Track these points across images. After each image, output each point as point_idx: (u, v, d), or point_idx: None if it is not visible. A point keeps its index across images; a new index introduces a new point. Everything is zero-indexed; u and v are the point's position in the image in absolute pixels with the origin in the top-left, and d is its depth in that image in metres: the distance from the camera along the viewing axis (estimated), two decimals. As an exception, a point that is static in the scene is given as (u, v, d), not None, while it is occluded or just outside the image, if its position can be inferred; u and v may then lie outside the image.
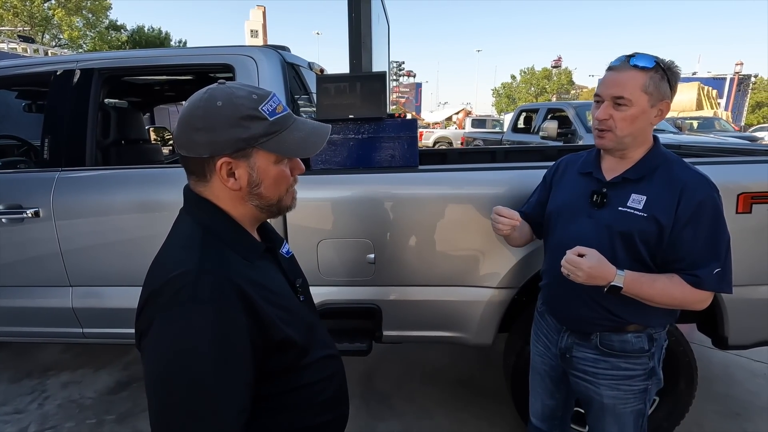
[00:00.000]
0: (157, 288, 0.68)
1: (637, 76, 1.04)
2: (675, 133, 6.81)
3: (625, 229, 1.09)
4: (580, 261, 1.04)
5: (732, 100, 23.93)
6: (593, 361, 1.20)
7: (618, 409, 1.20)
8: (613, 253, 1.09)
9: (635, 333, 1.16)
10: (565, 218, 1.21)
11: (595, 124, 1.11)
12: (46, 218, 1.87)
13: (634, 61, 1.05)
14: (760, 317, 1.69)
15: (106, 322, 1.98)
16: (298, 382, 0.80)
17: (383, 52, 2.94)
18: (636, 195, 1.09)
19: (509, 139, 8.28)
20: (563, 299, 1.23)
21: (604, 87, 1.09)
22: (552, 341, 1.32)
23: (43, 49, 8.98)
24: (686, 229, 1.04)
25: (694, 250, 1.05)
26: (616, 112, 1.07)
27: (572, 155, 1.34)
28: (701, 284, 1.05)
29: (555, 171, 1.35)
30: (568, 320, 1.25)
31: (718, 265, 1.05)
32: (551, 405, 1.41)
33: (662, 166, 1.10)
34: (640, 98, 1.05)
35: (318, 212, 1.76)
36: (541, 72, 40.63)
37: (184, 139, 0.72)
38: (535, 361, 1.41)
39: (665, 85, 1.06)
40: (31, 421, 2.19)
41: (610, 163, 1.17)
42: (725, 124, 12.59)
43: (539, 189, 1.40)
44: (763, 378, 2.48)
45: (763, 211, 1.56)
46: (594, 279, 1.04)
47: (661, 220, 1.05)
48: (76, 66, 1.96)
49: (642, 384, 1.19)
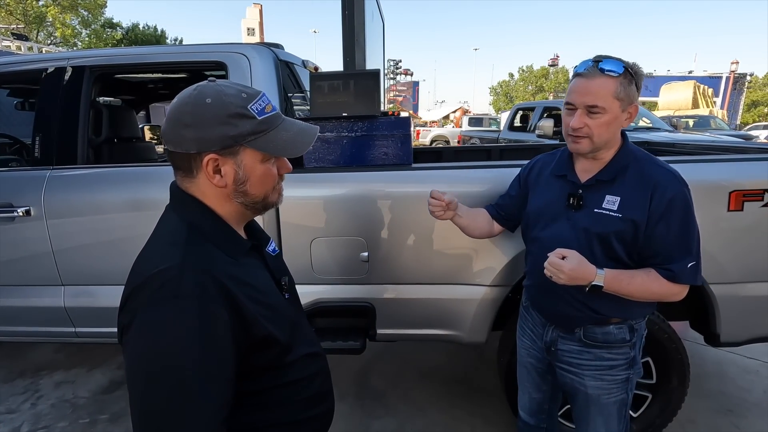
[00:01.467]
0: (140, 283, 0.68)
1: (608, 83, 1.06)
2: (670, 132, 6.83)
3: (601, 230, 1.12)
4: (561, 263, 1.06)
5: (728, 99, 23.99)
6: (578, 352, 1.25)
7: (602, 399, 1.24)
8: (591, 253, 1.12)
9: (617, 325, 1.20)
10: (545, 221, 1.24)
11: (569, 131, 1.13)
12: (38, 217, 1.86)
13: (602, 66, 1.06)
14: (751, 314, 1.70)
15: (99, 321, 1.97)
16: (281, 379, 0.81)
17: (378, 50, 2.93)
18: (610, 196, 1.12)
19: (506, 137, 8.29)
20: (546, 298, 1.27)
21: (576, 95, 1.09)
22: (537, 335, 1.35)
23: (37, 46, 8.90)
24: (659, 225, 1.08)
25: (668, 245, 1.09)
26: (591, 120, 1.08)
27: (546, 155, 1.37)
28: (676, 278, 1.10)
29: (530, 171, 1.38)
30: (552, 317, 1.29)
31: (692, 259, 1.09)
32: (538, 398, 1.45)
33: (633, 165, 1.13)
34: (612, 104, 1.07)
35: (311, 210, 1.75)
36: (539, 71, 40.68)
37: (172, 134, 0.73)
38: (522, 354, 1.44)
39: (633, 89, 1.09)
40: (24, 421, 2.18)
41: (583, 164, 1.20)
42: (721, 123, 12.65)
43: (514, 185, 1.44)
44: (755, 374, 2.49)
45: (754, 209, 1.57)
46: (575, 280, 1.07)
47: (635, 219, 1.09)
48: (68, 63, 1.95)
49: (624, 373, 1.23)
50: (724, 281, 1.65)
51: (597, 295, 1.11)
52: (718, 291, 1.65)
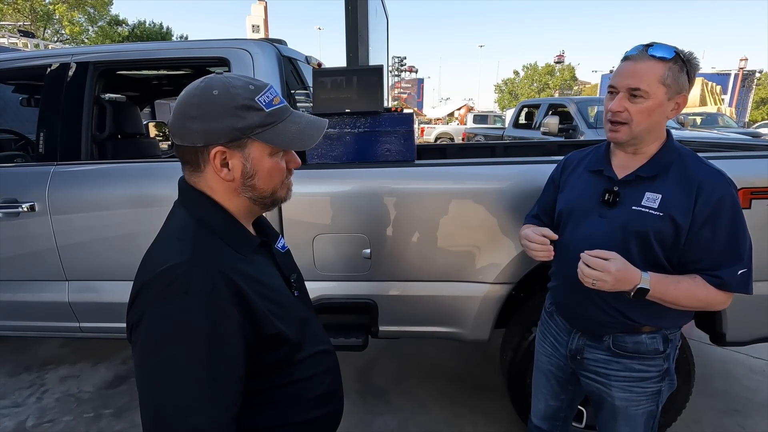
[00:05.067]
0: (148, 280, 0.67)
1: (656, 67, 0.99)
2: (678, 129, 6.76)
3: (640, 228, 1.03)
4: (607, 264, 0.98)
5: (736, 96, 23.75)
6: (605, 362, 1.16)
7: (630, 411, 1.16)
8: (626, 255, 1.02)
9: (649, 334, 1.12)
10: (576, 218, 1.16)
11: (608, 116, 1.05)
12: (42, 212, 1.87)
13: (652, 51, 1.00)
14: (758, 313, 1.68)
15: (103, 316, 1.98)
16: (291, 377, 0.80)
17: (382, 46, 2.92)
18: (650, 194, 1.04)
19: (510, 134, 8.24)
20: (576, 302, 1.18)
21: (620, 78, 1.03)
22: (561, 342, 1.27)
23: (43, 44, 8.95)
24: (705, 228, 1.00)
25: (715, 250, 1.01)
26: (632, 104, 1.01)
27: (577, 152, 1.29)
28: (725, 286, 1.01)
29: (562, 169, 1.29)
30: (580, 323, 1.20)
31: (742, 266, 1.01)
32: (555, 406, 1.37)
33: (676, 163, 1.05)
34: (657, 90, 0.99)
35: (314, 207, 1.75)
36: (544, 68, 40.41)
37: (179, 127, 0.72)
38: (541, 361, 1.36)
39: (684, 77, 1.01)
40: (29, 415, 2.20)
41: (622, 159, 1.11)
42: (729, 120, 12.51)
43: (548, 189, 1.34)
44: (762, 375, 2.47)
45: (762, 207, 1.54)
46: (620, 282, 0.98)
47: (677, 220, 1.00)
48: (71, 59, 1.95)
49: (656, 386, 1.15)
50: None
51: (639, 300, 1.02)
52: None
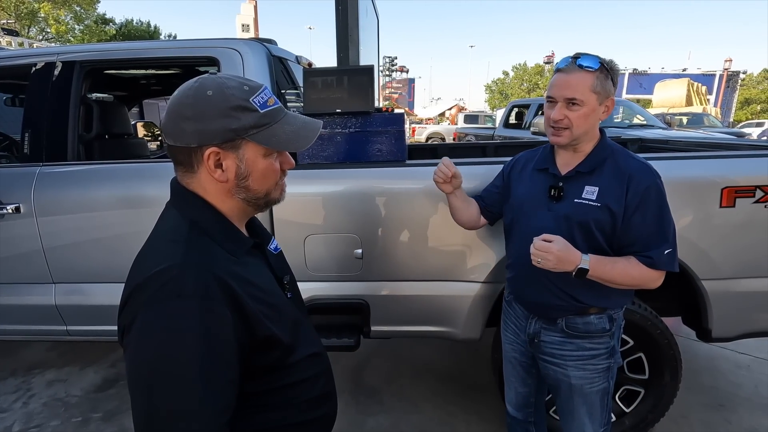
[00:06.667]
0: (141, 282, 0.67)
1: (585, 78, 1.13)
2: (664, 129, 6.86)
3: (582, 219, 1.17)
4: (548, 245, 1.10)
5: (721, 97, 24.18)
6: (560, 343, 1.29)
7: (585, 389, 1.28)
8: (573, 242, 1.16)
9: (597, 315, 1.25)
10: (527, 212, 1.28)
11: (550, 123, 1.19)
12: (27, 214, 1.84)
13: (579, 62, 1.13)
14: (742, 310, 1.71)
15: (91, 319, 1.95)
16: (284, 380, 0.79)
17: (372, 46, 2.91)
18: (589, 187, 1.18)
19: (501, 134, 8.29)
20: (530, 289, 1.30)
21: (557, 89, 1.16)
22: (521, 328, 1.39)
23: (27, 42, 8.78)
24: (635, 214, 1.14)
25: (644, 233, 1.15)
26: (570, 112, 1.15)
27: (528, 152, 1.41)
28: (655, 264, 1.15)
29: (512, 167, 1.42)
30: (536, 308, 1.32)
31: (668, 246, 1.15)
32: (524, 392, 1.47)
33: (610, 158, 1.19)
34: (590, 98, 1.13)
35: (305, 207, 1.74)
36: (533, 68, 40.70)
37: (173, 127, 0.71)
38: (506, 349, 1.47)
39: (609, 83, 1.15)
40: (15, 420, 2.16)
41: (564, 158, 1.25)
42: (714, 120, 12.72)
43: (497, 179, 1.48)
44: (747, 370, 2.52)
45: (746, 205, 1.58)
46: (562, 262, 1.11)
47: (613, 208, 1.14)
48: (57, 58, 1.92)
49: (605, 362, 1.27)
50: (716, 277, 1.66)
51: (580, 282, 1.16)
52: (710, 287, 1.66)
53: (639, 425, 1.83)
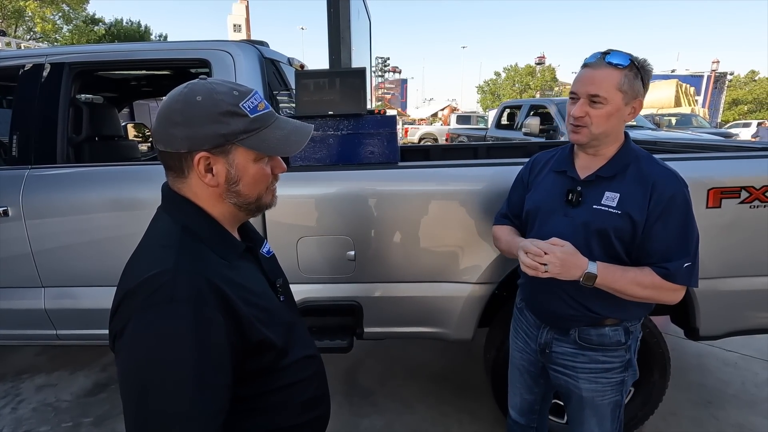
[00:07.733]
0: (132, 288, 0.66)
1: (613, 75, 1.05)
2: (653, 130, 6.95)
3: (600, 226, 1.10)
4: (553, 248, 1.04)
5: (709, 97, 24.48)
6: (572, 355, 1.22)
7: (596, 402, 1.22)
8: (589, 250, 1.10)
9: (612, 327, 1.18)
10: (542, 217, 1.22)
11: (571, 120, 1.12)
12: (16, 217, 1.81)
13: (609, 59, 1.06)
14: (729, 308, 1.74)
15: (81, 323, 1.93)
16: (277, 383, 0.79)
17: (365, 48, 2.92)
18: (609, 193, 1.11)
19: (493, 135, 8.34)
20: (542, 297, 1.24)
21: (580, 84, 1.09)
22: (531, 337, 1.32)
23: (15, 42, 8.63)
24: (657, 224, 1.07)
25: (665, 244, 1.07)
26: (592, 109, 1.08)
27: (544, 153, 1.35)
28: (671, 277, 1.07)
29: (530, 169, 1.34)
30: (548, 317, 1.26)
31: (688, 260, 1.07)
32: (530, 400, 1.43)
33: (633, 163, 1.12)
34: (615, 96, 1.06)
35: (297, 209, 1.74)
36: (525, 69, 40.95)
37: (163, 133, 0.71)
38: (515, 356, 1.42)
39: (639, 83, 1.07)
40: (4, 426, 2.13)
41: (584, 160, 1.18)
42: (702, 121, 12.90)
43: (517, 188, 1.38)
44: (734, 367, 2.56)
45: (732, 206, 1.60)
46: (567, 267, 1.04)
47: (634, 217, 1.07)
48: (46, 60, 1.90)
49: (619, 376, 1.21)
50: (703, 277, 1.67)
51: (594, 291, 1.09)
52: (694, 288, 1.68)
53: (629, 423, 1.85)
